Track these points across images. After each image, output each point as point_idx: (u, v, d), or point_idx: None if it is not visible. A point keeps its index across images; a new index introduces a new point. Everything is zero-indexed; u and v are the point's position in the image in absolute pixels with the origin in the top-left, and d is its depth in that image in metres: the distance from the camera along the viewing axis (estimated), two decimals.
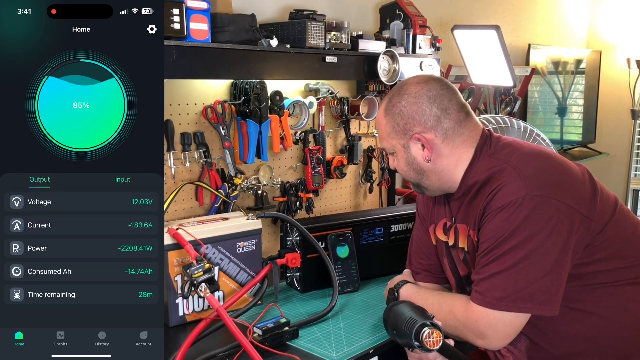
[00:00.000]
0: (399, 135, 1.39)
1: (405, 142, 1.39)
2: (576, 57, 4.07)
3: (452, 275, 1.51)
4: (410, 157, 1.40)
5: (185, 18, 1.49)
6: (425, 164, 1.39)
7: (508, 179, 1.27)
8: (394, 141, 1.41)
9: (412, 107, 1.36)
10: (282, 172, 2.07)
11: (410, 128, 1.37)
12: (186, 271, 1.46)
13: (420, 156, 1.39)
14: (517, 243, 1.23)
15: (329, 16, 1.93)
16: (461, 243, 1.41)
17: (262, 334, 1.43)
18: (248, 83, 1.81)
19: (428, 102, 1.35)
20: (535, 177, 1.26)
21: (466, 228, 1.39)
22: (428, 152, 1.37)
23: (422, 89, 1.37)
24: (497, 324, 1.25)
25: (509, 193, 1.25)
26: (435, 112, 1.35)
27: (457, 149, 1.37)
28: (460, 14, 2.97)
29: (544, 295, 1.22)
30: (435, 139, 1.36)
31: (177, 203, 1.79)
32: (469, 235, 1.38)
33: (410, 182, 1.47)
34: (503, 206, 1.24)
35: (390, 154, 1.46)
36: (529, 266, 1.22)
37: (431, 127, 1.36)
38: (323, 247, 1.79)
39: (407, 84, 1.41)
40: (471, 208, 1.36)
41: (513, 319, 1.25)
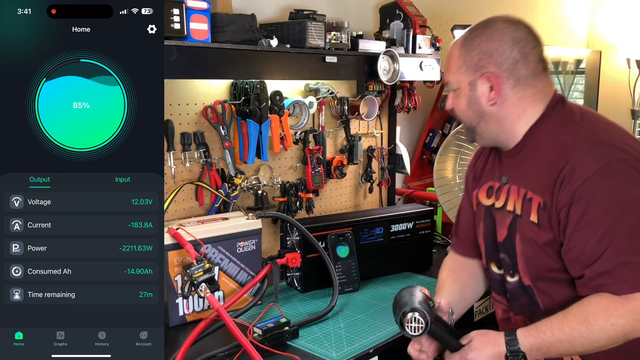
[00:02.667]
0: (470, 70, 1.31)
1: (473, 80, 1.31)
2: (576, 57, 4.07)
3: (483, 241, 1.44)
4: (474, 97, 1.32)
5: (185, 18, 1.49)
6: (488, 107, 1.31)
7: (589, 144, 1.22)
8: (462, 76, 1.32)
9: (492, 44, 1.28)
10: (282, 172, 2.07)
11: (483, 65, 1.29)
12: (186, 271, 1.46)
13: (485, 98, 1.31)
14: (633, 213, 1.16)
15: (329, 16, 1.93)
16: (510, 206, 1.34)
17: (262, 333, 1.43)
18: (248, 83, 1.81)
19: (511, 43, 1.28)
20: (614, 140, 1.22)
21: (522, 190, 1.31)
22: (495, 95, 1.30)
23: (509, 28, 1.29)
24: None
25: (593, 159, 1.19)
26: (514, 56, 1.28)
27: (525, 100, 1.30)
28: (460, 14, 2.96)
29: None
30: (506, 84, 1.29)
31: (177, 203, 1.79)
32: (525, 198, 1.30)
33: (465, 124, 1.39)
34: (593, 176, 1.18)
35: (453, 90, 1.37)
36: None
37: (505, 70, 1.28)
38: (323, 247, 1.79)
39: (494, 20, 1.32)
40: (534, 169, 1.29)
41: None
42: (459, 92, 1.35)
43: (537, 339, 1.22)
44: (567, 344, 1.20)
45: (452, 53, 1.36)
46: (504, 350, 1.23)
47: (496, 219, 1.40)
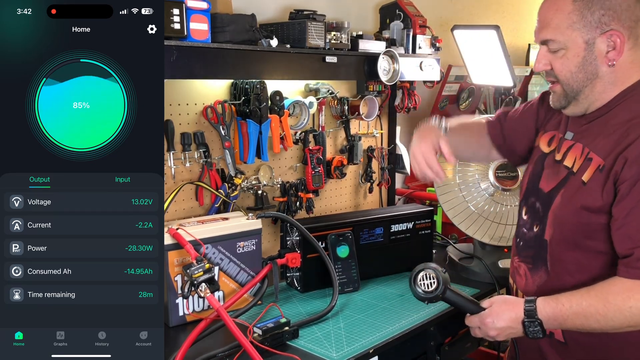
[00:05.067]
0: (588, 27, 1.20)
1: (591, 38, 1.21)
2: None
3: (527, 183, 1.42)
4: (591, 57, 1.22)
5: (185, 18, 1.49)
6: (605, 68, 1.23)
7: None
8: (575, 33, 1.21)
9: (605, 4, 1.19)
10: (282, 172, 2.07)
11: (607, 22, 1.19)
12: (186, 271, 1.46)
13: (604, 58, 1.22)
14: None
15: (329, 16, 1.93)
16: (569, 162, 1.29)
17: (262, 333, 1.43)
18: (248, 83, 1.81)
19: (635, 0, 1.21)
20: None
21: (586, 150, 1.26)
22: (615, 55, 1.21)
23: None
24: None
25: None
26: (638, 14, 1.20)
27: (635, 63, 1.24)
28: (460, 14, 2.96)
29: None
30: (627, 44, 1.21)
31: (177, 203, 1.79)
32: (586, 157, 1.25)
33: (567, 89, 1.28)
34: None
35: (552, 51, 1.26)
36: None
37: (628, 28, 1.20)
38: (323, 247, 1.79)
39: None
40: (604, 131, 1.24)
41: None
42: (565, 52, 1.24)
43: (555, 309, 1.23)
44: (583, 318, 1.21)
45: (558, 7, 1.24)
46: (521, 316, 1.25)
47: (546, 168, 1.36)
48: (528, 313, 1.26)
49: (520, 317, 1.26)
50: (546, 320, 1.25)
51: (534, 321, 1.25)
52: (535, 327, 1.25)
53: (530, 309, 1.25)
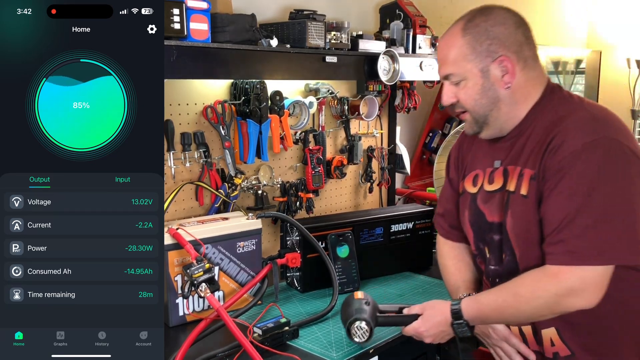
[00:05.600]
0: (479, 57, 1.29)
1: (485, 66, 1.29)
2: (576, 57, 4.07)
3: (470, 227, 1.46)
4: (488, 83, 1.30)
5: (185, 18, 1.49)
6: (503, 91, 1.30)
7: (583, 119, 1.23)
8: (470, 64, 1.30)
9: (499, 28, 1.28)
10: (282, 172, 2.07)
11: (495, 50, 1.28)
12: (186, 271, 1.46)
13: (500, 82, 1.30)
14: (603, 191, 1.17)
15: (329, 16, 1.93)
16: (510, 186, 1.33)
17: (262, 333, 1.43)
18: (248, 83, 1.81)
19: (514, 26, 1.29)
20: (609, 121, 1.24)
21: (518, 168, 1.32)
22: (509, 78, 1.29)
23: (508, 14, 1.31)
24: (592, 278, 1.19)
25: (583, 134, 1.20)
26: (520, 38, 1.29)
27: (530, 82, 1.32)
28: (460, 14, 2.94)
29: (636, 242, 1.18)
30: (517, 66, 1.29)
31: (177, 203, 1.79)
32: (520, 174, 1.31)
33: (474, 116, 1.36)
34: (580, 150, 1.19)
35: (454, 83, 1.34)
36: (620, 214, 1.17)
37: (515, 52, 1.29)
38: (323, 247, 1.79)
39: (490, 7, 1.33)
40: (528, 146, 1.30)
41: (608, 270, 1.20)
42: (465, 83, 1.32)
43: (476, 309, 1.33)
44: (499, 313, 1.31)
45: (451, 44, 1.33)
46: (449, 318, 1.35)
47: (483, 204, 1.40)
48: (455, 315, 1.34)
49: (448, 320, 1.35)
50: (471, 319, 1.34)
51: (461, 322, 1.34)
52: (463, 327, 1.34)
53: (456, 310, 1.34)
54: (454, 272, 1.52)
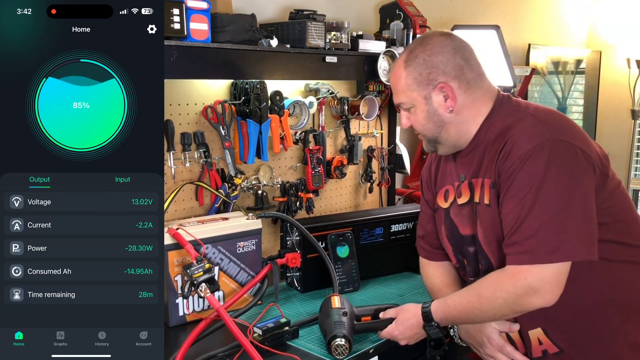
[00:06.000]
0: (421, 86, 1.37)
1: (427, 93, 1.37)
2: (576, 57, 4.07)
3: (448, 242, 1.49)
4: (432, 109, 1.37)
5: (185, 18, 1.49)
6: (447, 114, 1.37)
7: (529, 124, 1.29)
8: (414, 93, 1.38)
9: (436, 57, 1.35)
10: (282, 172, 2.07)
11: (434, 77, 1.35)
12: (186, 271, 1.46)
13: (443, 107, 1.37)
14: (549, 190, 1.22)
15: (329, 16, 1.93)
16: (477, 197, 1.38)
17: (263, 333, 1.43)
18: (248, 83, 1.81)
19: (452, 51, 1.36)
20: (556, 124, 1.29)
21: (479, 180, 1.37)
22: (451, 103, 1.36)
23: (446, 40, 1.37)
24: (549, 275, 1.22)
25: (530, 138, 1.25)
26: (459, 62, 1.36)
27: (478, 101, 1.38)
28: (460, 14, 2.96)
29: (588, 238, 1.22)
30: (459, 89, 1.36)
31: (177, 203, 1.79)
32: (482, 185, 1.36)
33: (426, 138, 1.44)
34: (528, 153, 1.24)
35: (405, 109, 1.42)
36: (569, 212, 1.21)
37: (455, 77, 1.35)
38: (323, 247, 1.79)
39: (429, 36, 1.41)
40: (486, 158, 1.35)
41: (562, 267, 1.23)
42: (414, 109, 1.40)
43: (444, 311, 1.39)
44: (465, 314, 1.36)
45: (397, 75, 1.41)
46: (421, 321, 1.41)
47: (456, 217, 1.45)
48: (425, 317, 1.41)
49: (420, 322, 1.42)
50: (440, 321, 1.40)
51: (431, 325, 1.40)
52: (434, 329, 1.41)
53: (426, 312, 1.40)
54: (443, 287, 1.54)
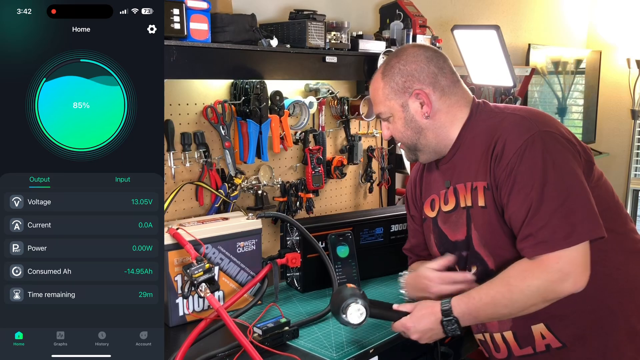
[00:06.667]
0: (398, 94, 1.42)
1: (404, 101, 1.42)
2: (576, 57, 4.07)
3: (438, 250, 1.52)
4: (409, 116, 1.43)
5: (186, 18, 1.49)
6: (424, 120, 1.42)
7: (514, 121, 1.33)
8: (392, 102, 1.43)
9: (411, 66, 1.41)
10: (282, 172, 2.07)
11: (409, 85, 1.41)
12: (186, 271, 1.46)
13: (420, 113, 1.42)
14: (551, 178, 1.25)
15: (329, 16, 1.93)
16: (463, 202, 1.41)
17: (263, 333, 1.43)
18: (248, 83, 1.81)
19: (426, 60, 1.42)
20: (537, 118, 1.33)
21: (468, 184, 1.40)
22: (427, 109, 1.41)
23: (419, 50, 1.44)
24: (575, 258, 1.24)
25: (519, 133, 1.30)
26: (432, 70, 1.41)
27: (453, 107, 1.42)
28: (460, 14, 2.96)
29: (595, 218, 1.26)
30: (434, 95, 1.41)
31: (177, 203, 1.79)
32: (472, 188, 1.39)
33: (406, 145, 1.48)
34: (522, 148, 1.28)
35: (385, 119, 1.48)
36: (573, 195, 1.25)
37: (429, 84, 1.41)
38: (323, 247, 1.79)
39: (404, 48, 1.48)
40: (471, 162, 1.39)
41: (584, 248, 1.25)
42: (392, 118, 1.45)
43: (467, 304, 1.34)
44: (492, 306, 1.32)
45: (375, 87, 1.47)
46: (440, 316, 1.36)
47: (444, 224, 1.48)
48: (445, 313, 1.35)
49: (438, 318, 1.36)
50: (461, 316, 1.34)
51: (450, 320, 1.34)
52: (453, 325, 1.35)
53: (446, 308, 1.35)
54: None
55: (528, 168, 1.27)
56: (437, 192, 1.50)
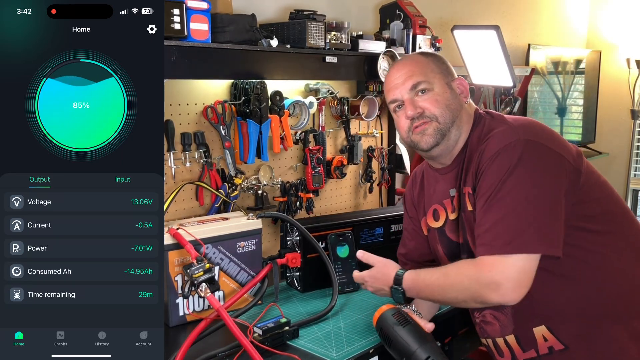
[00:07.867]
0: (443, 73, 1.46)
1: (448, 81, 1.45)
2: (576, 57, 4.07)
3: (448, 260, 1.51)
4: (453, 94, 1.45)
5: (186, 18, 1.49)
6: (464, 103, 1.46)
7: (499, 129, 1.36)
8: (437, 77, 1.44)
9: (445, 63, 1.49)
10: (282, 172, 2.07)
11: (451, 73, 1.48)
12: (186, 271, 1.46)
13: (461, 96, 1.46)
14: (513, 185, 1.26)
15: (329, 16, 1.93)
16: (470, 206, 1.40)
17: (263, 333, 1.43)
18: (248, 83, 1.81)
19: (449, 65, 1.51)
20: (525, 127, 1.34)
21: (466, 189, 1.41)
22: (464, 98, 1.47)
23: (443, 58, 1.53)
24: (510, 269, 1.24)
25: (500, 140, 1.32)
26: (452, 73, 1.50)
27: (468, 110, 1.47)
28: (460, 14, 2.97)
29: (548, 234, 1.25)
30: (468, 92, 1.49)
31: (177, 203, 1.79)
32: (463, 194, 1.41)
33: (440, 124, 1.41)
34: (497, 152, 1.30)
35: (422, 90, 1.43)
36: (529, 206, 1.25)
37: None
38: (323, 247, 1.79)
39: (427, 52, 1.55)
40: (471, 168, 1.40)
41: (524, 263, 1.24)
42: (432, 91, 1.43)
43: (414, 281, 1.42)
44: (430, 290, 1.39)
45: (416, 60, 1.47)
46: (391, 283, 1.46)
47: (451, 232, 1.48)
48: (395, 281, 1.45)
49: (389, 282, 1.47)
50: (407, 289, 1.43)
51: (397, 289, 1.44)
52: (399, 295, 1.45)
53: (398, 278, 1.45)
54: None
55: (493, 172, 1.29)
56: (439, 202, 1.51)
